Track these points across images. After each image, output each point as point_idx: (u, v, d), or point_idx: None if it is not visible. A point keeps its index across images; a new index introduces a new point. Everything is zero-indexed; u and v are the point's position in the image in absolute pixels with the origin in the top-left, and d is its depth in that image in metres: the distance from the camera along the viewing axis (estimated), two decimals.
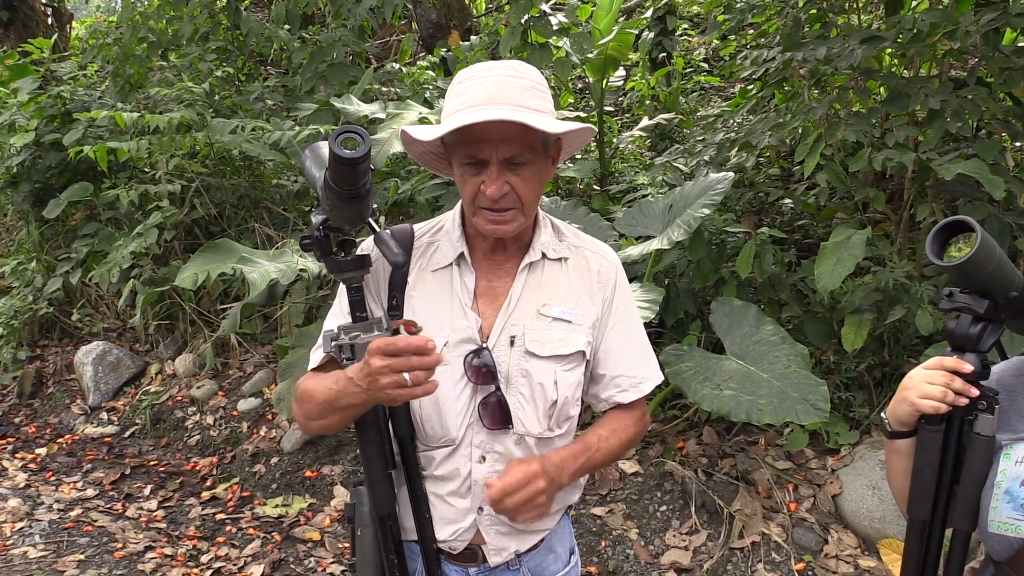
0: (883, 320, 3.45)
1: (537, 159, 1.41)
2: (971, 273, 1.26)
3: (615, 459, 1.61)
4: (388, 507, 1.43)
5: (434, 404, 1.46)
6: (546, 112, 1.39)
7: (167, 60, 6.05)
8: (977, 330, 1.30)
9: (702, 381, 3.20)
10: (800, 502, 3.46)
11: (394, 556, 1.45)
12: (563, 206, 4.19)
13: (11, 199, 5.95)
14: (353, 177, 1.24)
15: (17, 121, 5.50)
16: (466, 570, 1.57)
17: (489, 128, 1.33)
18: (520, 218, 1.43)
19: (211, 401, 5.01)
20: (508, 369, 1.47)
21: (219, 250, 3.96)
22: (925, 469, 1.35)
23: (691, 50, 7.76)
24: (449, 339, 1.47)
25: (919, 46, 3.46)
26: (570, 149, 1.54)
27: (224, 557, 3.77)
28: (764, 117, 3.99)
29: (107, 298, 5.88)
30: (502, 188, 1.38)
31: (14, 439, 5.18)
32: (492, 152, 1.36)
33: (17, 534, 3.89)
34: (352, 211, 1.31)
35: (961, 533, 1.35)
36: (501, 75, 1.39)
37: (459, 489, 1.50)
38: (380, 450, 1.41)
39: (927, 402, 1.31)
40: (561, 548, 1.65)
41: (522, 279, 1.51)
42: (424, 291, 1.52)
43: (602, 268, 1.55)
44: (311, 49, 5.59)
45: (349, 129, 1.21)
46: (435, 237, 1.56)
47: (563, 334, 1.49)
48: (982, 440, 1.31)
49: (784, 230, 4.27)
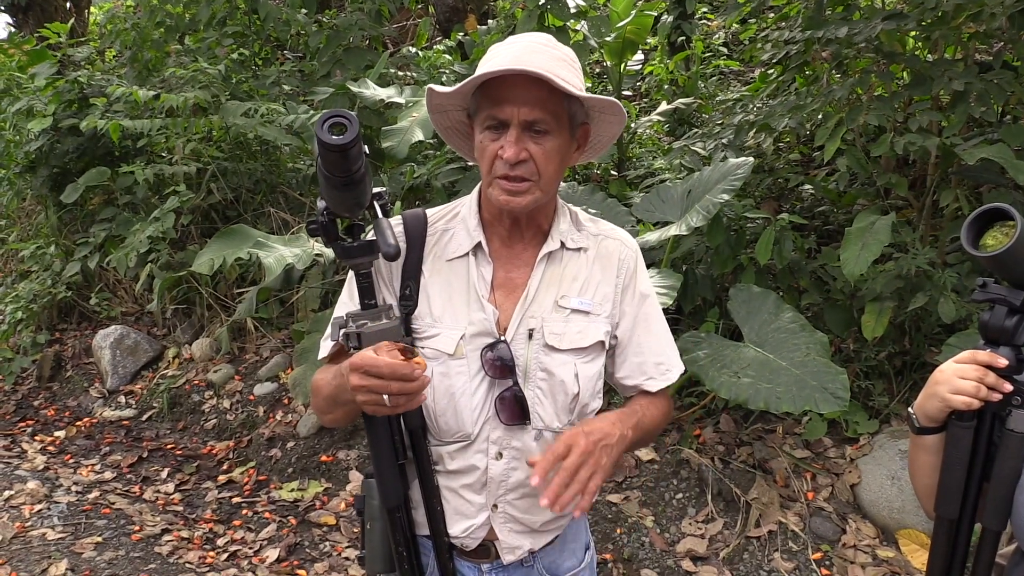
0: (904, 308, 3.40)
1: (561, 132, 1.37)
2: (1009, 263, 1.21)
3: (649, 438, 1.56)
4: (396, 499, 1.39)
5: (449, 398, 1.42)
6: (575, 86, 1.35)
7: (183, 45, 6.04)
8: (1013, 323, 1.25)
9: (719, 369, 3.16)
10: (818, 491, 3.43)
11: (403, 549, 1.42)
12: (580, 191, 4.15)
13: (30, 184, 5.98)
14: (344, 164, 1.19)
15: (35, 106, 5.52)
16: (479, 566, 1.53)
17: (514, 89, 1.31)
18: (536, 192, 1.38)
19: (228, 385, 5.03)
20: (527, 363, 1.43)
21: (235, 235, 3.96)
22: (955, 466, 1.30)
23: (711, 34, 7.67)
24: (466, 332, 1.43)
25: (944, 28, 3.39)
26: (600, 141, 1.50)
27: (240, 540, 3.79)
28: (784, 100, 3.92)
29: (125, 282, 5.91)
30: (520, 152, 1.33)
31: (33, 422, 5.23)
32: (514, 112, 1.33)
33: (36, 516, 3.93)
34: (348, 198, 1.26)
35: (991, 533, 1.30)
36: (533, 41, 1.38)
37: (474, 484, 1.46)
38: (389, 441, 1.37)
39: (959, 397, 1.26)
40: (576, 544, 1.62)
41: (540, 270, 1.47)
42: (439, 281, 1.47)
43: (622, 255, 1.51)
44: (327, 33, 5.56)
45: (335, 113, 1.16)
46: (450, 224, 1.51)
47: (582, 326, 1.45)
48: (1016, 437, 1.26)
49: (804, 216, 4.21)
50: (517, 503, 1.48)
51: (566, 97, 1.35)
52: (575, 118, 1.40)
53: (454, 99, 1.42)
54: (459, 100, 1.42)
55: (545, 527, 1.52)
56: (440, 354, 1.43)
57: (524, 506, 1.48)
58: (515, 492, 1.47)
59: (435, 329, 1.44)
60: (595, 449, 1.29)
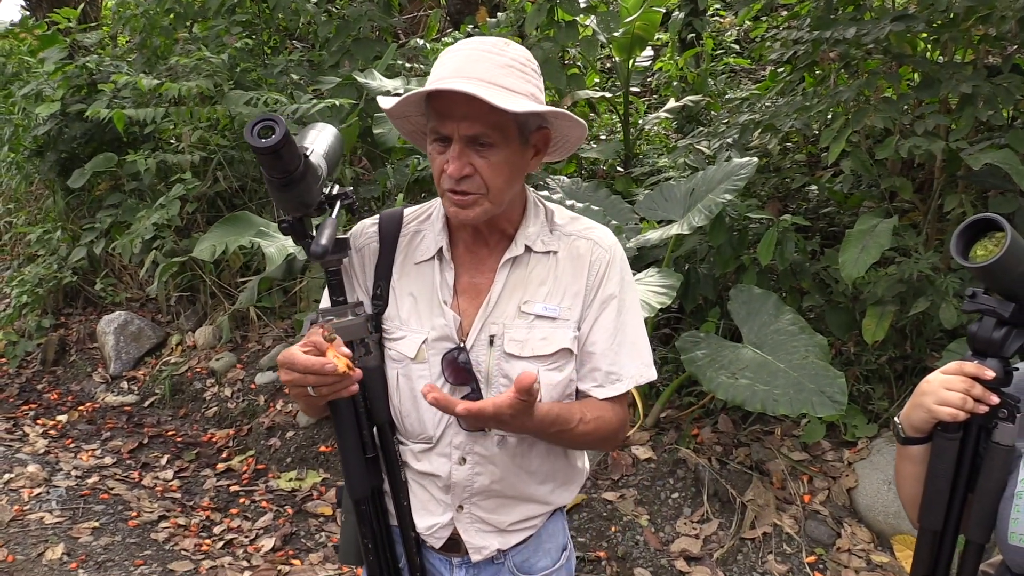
0: (906, 312, 3.38)
1: (508, 143, 1.33)
2: (998, 275, 1.19)
3: (584, 447, 1.52)
4: (362, 492, 1.41)
5: (412, 400, 1.43)
6: (522, 93, 1.31)
7: (191, 32, 6.04)
8: (1001, 334, 1.23)
9: (717, 369, 3.16)
10: (814, 494, 3.42)
11: (368, 541, 1.43)
12: (584, 187, 4.14)
13: (38, 168, 6.00)
14: (279, 164, 1.23)
15: (43, 91, 5.54)
16: (449, 560, 1.54)
17: (453, 104, 1.28)
18: (485, 204, 1.35)
19: (229, 374, 5.04)
20: (488, 369, 1.41)
21: (237, 223, 3.97)
22: (939, 477, 1.29)
23: (723, 31, 7.62)
24: (428, 336, 1.42)
25: (953, 31, 3.35)
26: (563, 143, 1.47)
27: (236, 529, 3.80)
28: (790, 100, 3.90)
29: (130, 268, 5.93)
30: (463, 168, 1.31)
31: (36, 405, 5.26)
32: (455, 128, 1.30)
33: (35, 499, 3.95)
34: (290, 198, 1.30)
35: (974, 545, 1.29)
36: (477, 49, 1.34)
37: (439, 486, 1.47)
38: (355, 434, 1.39)
39: (945, 409, 1.25)
40: (551, 544, 1.60)
41: (503, 275, 1.44)
42: (407, 284, 1.47)
43: (594, 256, 1.45)
44: (337, 23, 5.55)
45: (264, 118, 1.21)
46: (422, 226, 1.50)
47: (547, 332, 1.41)
48: (1001, 450, 1.24)
49: (809, 218, 4.19)
50: (483, 504, 1.48)
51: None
52: (526, 126, 1.35)
53: (409, 107, 1.39)
54: (416, 107, 1.39)
55: (514, 527, 1.51)
56: (403, 357, 1.44)
57: (491, 507, 1.48)
58: (481, 495, 1.47)
59: (401, 332, 1.45)
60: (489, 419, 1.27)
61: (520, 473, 1.47)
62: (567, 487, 1.57)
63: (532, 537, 1.55)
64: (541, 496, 1.52)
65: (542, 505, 1.53)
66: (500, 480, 1.46)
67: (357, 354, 1.37)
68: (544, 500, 1.53)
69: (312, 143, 1.38)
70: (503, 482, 1.46)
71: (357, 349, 1.38)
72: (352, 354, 1.29)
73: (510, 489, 1.48)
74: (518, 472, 1.47)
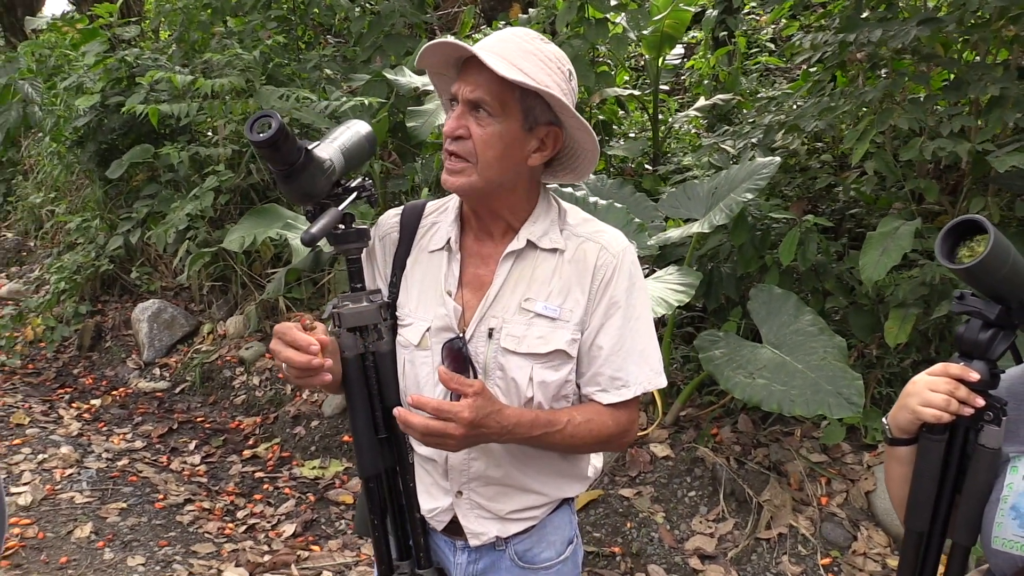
0: (930, 316, 3.34)
1: (507, 120, 1.36)
2: (981, 276, 1.19)
3: (580, 451, 1.53)
4: (372, 470, 1.45)
5: (416, 386, 1.48)
6: (535, 79, 1.34)
7: (227, 27, 6.14)
8: (987, 336, 1.23)
9: (735, 368, 3.15)
10: (832, 496, 3.40)
11: (376, 519, 1.47)
12: (609, 184, 4.15)
13: (78, 158, 6.16)
14: (278, 156, 1.29)
15: (84, 83, 5.67)
16: (453, 543, 1.58)
17: (469, 70, 1.36)
18: (473, 176, 1.38)
19: (258, 362, 5.13)
20: (486, 361, 1.44)
21: (266, 215, 4.05)
22: (925, 479, 1.29)
23: (758, 29, 7.55)
24: (432, 325, 1.47)
25: (984, 31, 3.31)
26: (576, 154, 1.48)
27: (259, 514, 3.88)
28: (817, 101, 3.86)
29: (165, 257, 6.05)
30: (458, 128, 1.36)
31: (72, 389, 5.40)
32: (460, 89, 1.37)
33: (67, 480, 4.07)
34: (295, 188, 1.35)
35: (960, 548, 1.28)
36: (512, 33, 1.40)
37: (439, 470, 1.52)
38: (366, 414, 1.43)
39: (928, 410, 1.25)
40: (556, 537, 1.61)
41: (505, 268, 1.46)
42: (418, 272, 1.51)
43: (601, 261, 1.45)
44: (369, 19, 5.62)
45: (261, 114, 1.27)
46: (439, 217, 1.54)
47: (545, 331, 1.43)
48: (987, 452, 1.24)
49: (836, 219, 4.15)
50: (481, 490, 1.51)
51: (520, 89, 1.35)
52: (530, 112, 1.38)
53: (447, 67, 1.44)
54: (452, 67, 1.44)
55: (513, 515, 1.53)
56: (409, 343, 1.49)
57: (489, 494, 1.51)
58: (478, 481, 1.50)
59: (410, 319, 1.50)
60: (464, 433, 1.29)
61: (516, 463, 1.50)
62: (570, 481, 1.58)
63: (535, 528, 1.57)
64: (540, 487, 1.54)
65: (542, 496, 1.55)
66: (497, 467, 1.49)
67: (370, 339, 1.42)
68: (544, 492, 1.55)
69: (330, 138, 1.42)
70: (500, 470, 1.49)
71: (370, 334, 1.42)
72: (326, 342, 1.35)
73: (507, 478, 1.50)
74: (514, 461, 1.49)
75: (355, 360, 1.41)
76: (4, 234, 8.27)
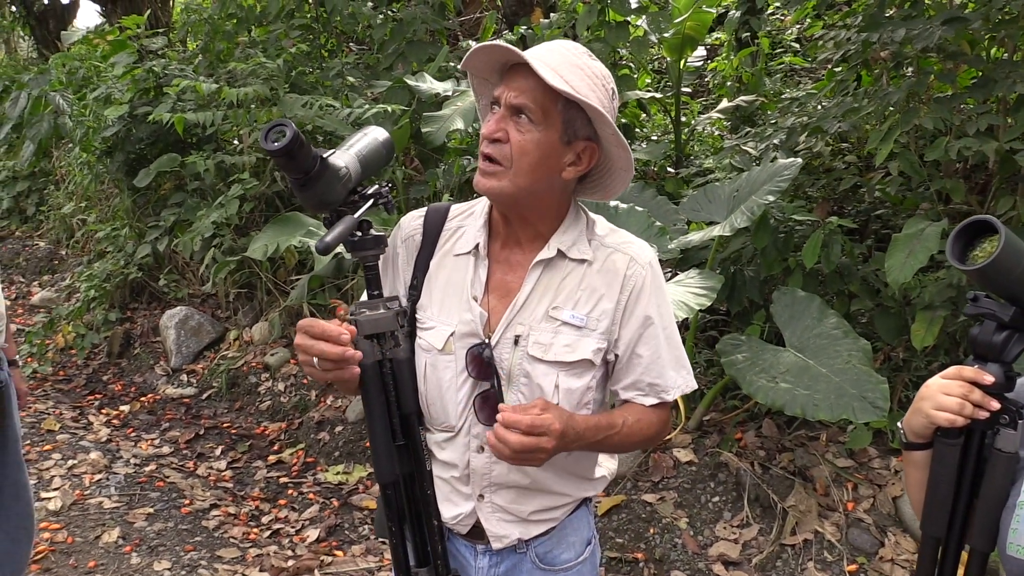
0: (957, 318, 3.28)
1: (547, 129, 1.37)
2: (994, 277, 1.16)
3: (628, 449, 1.56)
4: (390, 477, 1.45)
5: (437, 389, 1.48)
6: (578, 91, 1.34)
7: (250, 36, 6.22)
8: (1001, 338, 1.20)
9: (758, 372, 3.12)
10: (858, 502, 3.35)
11: (394, 525, 1.47)
12: (630, 187, 4.13)
13: (107, 168, 6.25)
14: (293, 164, 1.29)
15: (113, 94, 5.76)
16: (474, 547, 1.58)
17: (514, 75, 1.37)
18: (505, 181, 1.38)
19: (283, 368, 5.18)
20: (511, 368, 1.45)
21: (288, 223, 4.08)
22: (941, 484, 1.26)
23: (783, 30, 7.49)
24: (456, 330, 1.47)
25: (1011, 28, 3.25)
26: (609, 172, 1.49)
27: (283, 519, 3.91)
28: (840, 101, 3.82)
29: (192, 265, 6.13)
30: (497, 130, 1.37)
31: (101, 395, 5.49)
32: (503, 93, 1.38)
33: (95, 485, 4.13)
34: (311, 196, 1.34)
35: (979, 553, 1.26)
36: (560, 45, 1.41)
37: (460, 476, 1.52)
38: (383, 421, 1.42)
39: (942, 414, 1.22)
40: (575, 538, 1.62)
41: (534, 276, 1.47)
42: (443, 277, 1.52)
43: (630, 272, 1.47)
44: (391, 26, 5.65)
45: (275, 123, 1.27)
46: (465, 221, 1.55)
47: (572, 340, 1.44)
48: (1003, 457, 1.21)
49: (862, 220, 4.10)
50: (502, 493, 1.52)
51: (563, 100, 1.36)
52: (571, 124, 1.39)
53: (491, 73, 1.46)
54: (495, 73, 1.45)
55: (535, 516, 1.54)
56: (432, 347, 1.49)
57: (510, 496, 1.52)
58: (499, 485, 1.51)
59: (432, 323, 1.50)
60: (555, 445, 1.31)
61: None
62: (589, 481, 1.60)
63: (555, 529, 1.58)
64: (560, 488, 1.55)
65: (562, 497, 1.56)
66: (517, 470, 1.49)
67: (387, 346, 1.42)
68: (564, 492, 1.55)
69: (347, 145, 1.43)
70: (520, 472, 1.50)
71: (387, 341, 1.42)
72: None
73: (527, 479, 1.51)
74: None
75: (373, 367, 1.41)
76: (37, 243, 8.43)
